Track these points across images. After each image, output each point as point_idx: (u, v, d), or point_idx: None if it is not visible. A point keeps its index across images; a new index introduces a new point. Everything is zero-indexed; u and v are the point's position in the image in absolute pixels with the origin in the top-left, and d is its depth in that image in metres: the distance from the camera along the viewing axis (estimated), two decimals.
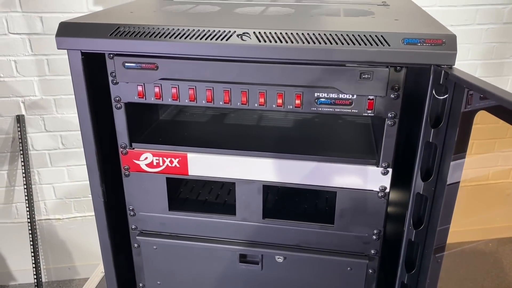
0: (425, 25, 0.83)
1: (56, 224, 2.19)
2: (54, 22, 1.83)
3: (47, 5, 1.80)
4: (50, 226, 2.19)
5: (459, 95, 0.73)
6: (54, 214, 2.18)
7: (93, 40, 0.82)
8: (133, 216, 1.02)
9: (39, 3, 1.80)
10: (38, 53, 1.88)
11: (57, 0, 1.80)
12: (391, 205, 0.96)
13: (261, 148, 0.93)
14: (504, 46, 2.14)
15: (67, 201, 2.16)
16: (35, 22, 1.83)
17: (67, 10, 1.82)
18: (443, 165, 0.79)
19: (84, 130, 0.92)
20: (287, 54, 0.78)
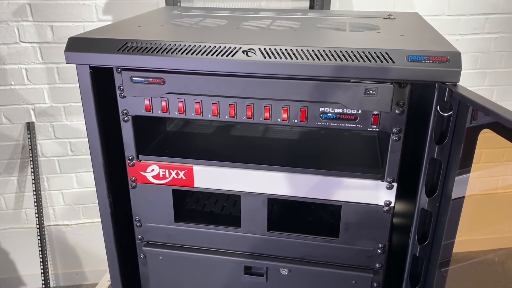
0: (430, 41, 0.84)
1: (65, 230, 2.21)
2: (64, 31, 1.86)
3: (57, 15, 1.83)
4: (58, 231, 2.21)
5: (463, 112, 0.73)
6: (62, 220, 2.20)
7: (101, 55, 0.83)
8: (140, 227, 1.03)
9: (49, 13, 1.82)
10: (48, 62, 1.91)
11: (67, 10, 1.83)
12: (397, 217, 0.96)
13: (266, 161, 0.94)
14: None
15: (76, 207, 2.18)
16: (46, 31, 1.85)
17: (77, 19, 1.85)
18: (448, 181, 0.79)
19: (92, 142, 0.93)
20: (292, 70, 0.78)
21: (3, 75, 1.90)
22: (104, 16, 1.86)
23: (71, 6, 1.83)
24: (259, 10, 1.22)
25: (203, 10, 1.21)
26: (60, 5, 1.82)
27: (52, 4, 1.82)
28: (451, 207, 0.80)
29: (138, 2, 1.85)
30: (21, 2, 1.80)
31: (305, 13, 1.17)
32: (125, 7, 1.85)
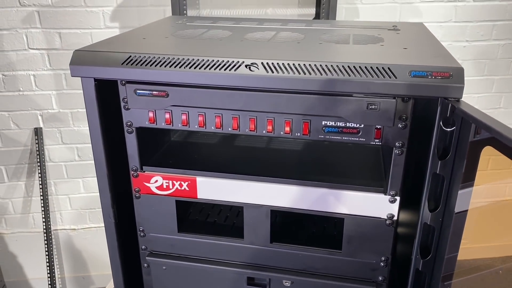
0: (434, 55, 0.83)
1: (72, 234, 2.23)
2: (72, 38, 1.88)
3: (65, 22, 1.85)
4: (65, 236, 2.23)
5: (466, 128, 0.72)
6: (69, 224, 2.22)
7: (105, 68, 0.84)
8: (143, 237, 1.04)
9: (57, 20, 1.84)
10: (56, 68, 1.93)
11: (75, 17, 1.84)
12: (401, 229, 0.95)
13: (270, 173, 0.94)
14: None
15: (82, 212, 2.20)
16: (54, 38, 1.87)
17: (85, 26, 1.87)
18: (451, 196, 0.79)
19: (96, 153, 0.94)
20: (294, 84, 0.78)
21: (12, 81, 1.93)
22: (112, 23, 1.87)
23: (79, 14, 1.85)
24: (263, 20, 1.22)
25: (208, 20, 1.22)
26: (68, 13, 1.84)
27: (60, 12, 1.84)
28: (454, 221, 0.80)
29: (145, 9, 1.87)
30: (30, 10, 1.83)
31: (309, 23, 1.17)
32: (132, 14, 1.87)
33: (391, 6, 1.97)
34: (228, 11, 1.92)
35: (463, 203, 0.78)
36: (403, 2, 1.97)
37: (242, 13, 1.93)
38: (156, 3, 1.86)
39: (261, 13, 1.93)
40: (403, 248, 1.00)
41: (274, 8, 1.94)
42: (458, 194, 0.77)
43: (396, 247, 0.94)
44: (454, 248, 0.83)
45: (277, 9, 1.94)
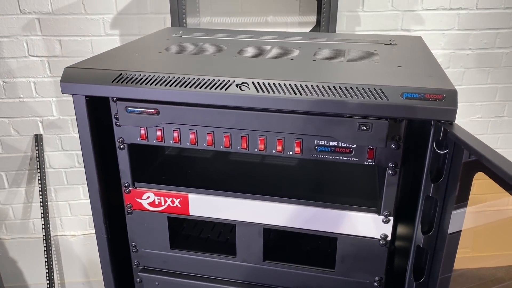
0: (428, 74, 0.82)
1: (72, 240, 2.23)
2: (72, 45, 1.88)
3: (65, 29, 1.85)
4: (65, 242, 2.23)
5: (459, 151, 0.71)
6: (69, 230, 2.22)
7: (96, 86, 0.84)
8: (136, 252, 1.03)
9: (58, 27, 1.84)
10: (56, 75, 1.93)
11: (75, 24, 1.84)
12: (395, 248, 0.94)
13: (263, 191, 0.93)
14: None
15: (82, 218, 2.20)
16: (54, 45, 1.87)
17: (85, 33, 1.86)
18: (444, 219, 0.77)
19: (88, 169, 0.94)
20: (285, 104, 0.77)
21: (12, 88, 1.93)
22: (112, 30, 1.87)
23: (79, 21, 1.84)
24: (260, 33, 1.21)
25: (205, 32, 1.21)
26: (68, 20, 1.84)
27: (60, 19, 1.84)
28: (448, 242, 0.78)
29: (145, 17, 1.86)
30: (30, 17, 1.83)
31: (306, 37, 1.15)
32: (132, 21, 1.86)
33: (393, 14, 1.95)
34: (229, 18, 1.91)
35: (456, 225, 0.77)
36: (405, 10, 1.95)
37: (242, 21, 1.92)
38: (156, 11, 1.86)
39: (261, 21, 1.92)
40: (397, 269, 0.98)
41: (275, 15, 1.93)
42: (451, 216, 0.76)
43: (390, 267, 0.93)
44: (448, 269, 0.82)
45: (277, 16, 1.93)
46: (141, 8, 1.85)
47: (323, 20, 1.79)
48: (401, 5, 1.94)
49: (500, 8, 1.97)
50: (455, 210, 0.75)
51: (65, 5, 1.82)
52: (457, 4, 1.95)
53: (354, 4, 1.93)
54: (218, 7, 1.89)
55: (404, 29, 1.98)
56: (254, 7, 1.90)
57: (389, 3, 1.94)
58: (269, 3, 1.90)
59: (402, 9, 1.95)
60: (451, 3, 1.95)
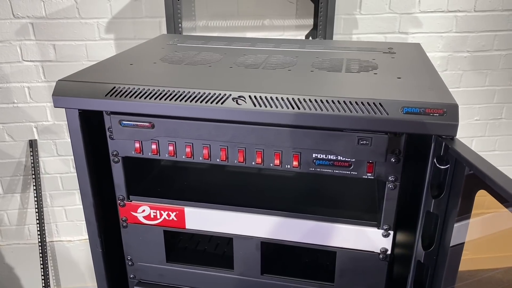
0: (429, 87, 0.80)
1: (68, 246, 2.21)
2: (66, 49, 1.85)
3: (59, 34, 1.83)
4: (61, 247, 2.21)
5: (460, 166, 0.69)
6: (65, 236, 2.20)
7: (89, 100, 0.82)
8: (131, 265, 1.01)
9: (52, 32, 1.82)
10: (50, 80, 1.90)
11: (69, 29, 1.82)
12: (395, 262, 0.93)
13: (260, 204, 0.91)
14: None
15: (78, 224, 2.18)
16: (48, 50, 1.85)
17: (79, 38, 1.84)
18: (445, 235, 0.76)
19: (82, 183, 0.92)
20: (282, 119, 0.76)
21: (6, 93, 1.90)
22: (106, 35, 1.85)
23: (73, 25, 1.82)
24: (257, 40, 1.19)
25: (201, 40, 1.19)
26: (62, 24, 1.82)
27: (54, 23, 1.81)
28: (450, 254, 0.76)
29: (140, 21, 1.84)
30: (24, 22, 1.80)
31: (303, 44, 1.13)
32: (127, 26, 1.84)
33: (390, 17, 1.94)
34: (225, 22, 1.89)
35: (458, 240, 0.75)
36: (402, 13, 1.94)
37: (239, 24, 1.90)
38: (151, 15, 1.84)
39: (258, 24, 1.90)
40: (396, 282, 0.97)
41: (272, 19, 1.91)
42: (453, 231, 0.74)
43: (390, 281, 0.91)
44: (451, 282, 0.80)
45: (274, 20, 1.91)
46: (136, 12, 1.83)
47: (320, 23, 1.77)
48: (398, 7, 1.92)
49: (498, 10, 1.96)
50: (457, 223, 0.73)
51: (59, 9, 1.80)
52: (454, 7, 1.94)
53: (351, 7, 1.91)
54: (214, 10, 1.87)
55: (401, 32, 1.97)
56: (251, 11, 1.88)
57: (387, 5, 1.92)
58: (265, 7, 1.88)
59: (399, 11, 1.93)
60: (448, 6, 1.94)
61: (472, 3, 1.94)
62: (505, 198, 0.56)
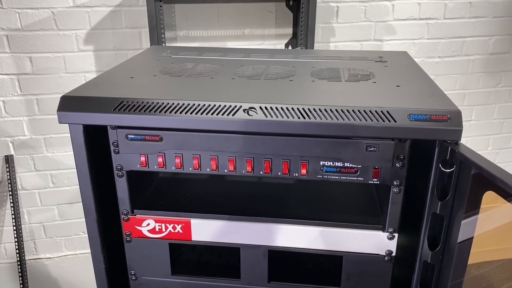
0: (428, 94, 0.84)
1: (47, 263, 2.15)
2: (43, 62, 1.81)
3: (36, 46, 1.78)
4: (40, 265, 2.14)
5: (465, 169, 0.73)
6: (44, 253, 2.13)
7: (95, 114, 0.81)
8: (135, 280, 1.00)
9: (28, 44, 1.78)
10: (27, 93, 1.85)
11: (46, 41, 1.78)
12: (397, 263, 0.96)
13: (267, 213, 0.93)
14: (490, 76, 2.18)
15: (58, 240, 2.12)
16: (24, 62, 1.80)
17: (57, 50, 1.80)
18: (451, 235, 0.79)
19: (85, 199, 0.91)
20: (293, 129, 0.77)
21: None
22: (85, 46, 1.82)
23: (50, 37, 1.78)
24: (250, 51, 1.21)
25: (194, 51, 1.19)
26: (39, 36, 1.78)
27: (30, 35, 1.77)
28: (457, 250, 0.78)
29: (120, 32, 1.82)
30: None
31: (296, 54, 1.16)
32: (107, 37, 1.82)
33: (366, 25, 2.00)
34: (206, 31, 1.90)
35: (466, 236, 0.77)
36: (377, 21, 2.01)
37: (219, 34, 1.91)
38: (131, 25, 1.82)
39: (239, 33, 1.92)
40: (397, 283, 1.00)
41: (252, 28, 1.93)
42: (461, 228, 0.76)
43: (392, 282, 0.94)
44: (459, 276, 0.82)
45: (254, 29, 1.94)
46: (115, 23, 1.81)
47: (301, 32, 1.80)
48: (373, 16, 1.99)
49: (466, 18, 2.06)
50: (464, 220, 0.76)
51: (36, 21, 1.75)
52: (426, 14, 2.03)
53: (328, 16, 1.96)
54: (194, 20, 1.87)
55: (376, 39, 2.03)
56: (231, 20, 1.90)
57: (362, 14, 1.98)
58: (245, 16, 1.90)
59: (374, 20, 2.00)
60: (420, 13, 2.02)
61: (441, 11, 2.03)
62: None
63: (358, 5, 1.96)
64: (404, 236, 0.94)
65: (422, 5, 2.01)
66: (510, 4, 2.06)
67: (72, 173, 2.00)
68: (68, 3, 1.75)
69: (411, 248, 0.90)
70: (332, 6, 1.95)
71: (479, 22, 2.07)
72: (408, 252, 0.93)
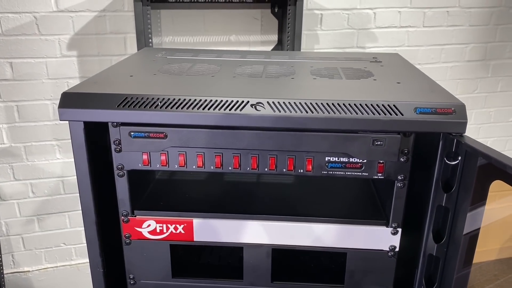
0: (429, 89, 0.86)
1: (25, 277, 2.06)
2: (25, 67, 1.76)
3: (17, 51, 1.74)
4: (18, 279, 2.05)
5: (471, 160, 0.75)
6: (22, 266, 2.05)
7: (99, 111, 0.79)
8: (134, 284, 0.97)
9: (8, 49, 1.73)
10: (7, 100, 1.79)
11: (28, 46, 1.74)
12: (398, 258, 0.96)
13: (270, 211, 0.92)
14: (468, 82, 2.25)
15: (38, 252, 2.05)
16: (4, 68, 1.75)
17: (39, 55, 1.76)
18: (456, 227, 0.80)
19: (84, 201, 0.88)
20: (301, 123, 0.77)
21: None
22: (69, 51, 1.78)
23: (32, 42, 1.74)
24: (246, 52, 1.21)
25: (189, 53, 1.18)
26: (20, 41, 1.73)
27: (11, 40, 1.72)
28: (463, 241, 0.79)
29: (104, 37, 1.80)
30: None
31: (292, 56, 1.17)
32: (91, 42, 1.79)
33: (348, 32, 2.04)
34: (191, 38, 1.89)
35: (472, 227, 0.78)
36: (360, 28, 2.05)
37: (205, 40, 1.91)
38: (116, 31, 1.80)
39: (224, 40, 1.93)
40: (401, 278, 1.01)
41: (237, 35, 1.94)
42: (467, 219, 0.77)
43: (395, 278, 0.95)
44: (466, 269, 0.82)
45: (240, 35, 1.94)
46: (100, 28, 1.79)
47: (288, 39, 1.82)
48: (356, 23, 2.03)
49: (444, 26, 2.13)
50: (470, 212, 0.77)
51: (17, 26, 1.71)
52: (406, 22, 2.08)
53: (312, 23, 1.99)
54: (180, 26, 1.87)
55: (359, 46, 2.07)
56: (217, 26, 1.90)
57: (345, 22, 2.02)
58: (231, 23, 1.91)
59: (357, 27, 2.04)
60: (401, 21, 2.08)
61: (421, 19, 2.10)
62: None
63: (342, 13, 2.00)
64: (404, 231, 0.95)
65: (403, 14, 2.06)
66: (485, 13, 2.14)
67: (53, 182, 1.94)
68: (51, 8, 1.72)
69: (412, 242, 0.91)
70: (316, 13, 1.98)
71: (456, 30, 2.14)
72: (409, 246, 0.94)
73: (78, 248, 2.06)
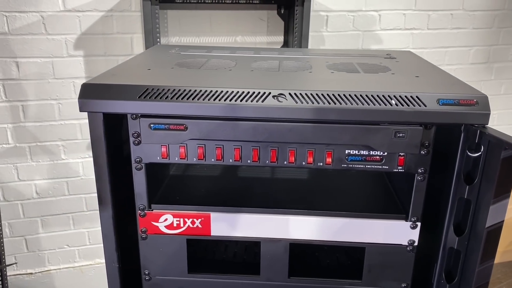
0: (449, 82, 0.86)
1: (28, 279, 2.04)
2: (31, 67, 1.75)
3: (23, 50, 1.73)
4: (20, 282, 2.03)
5: (495, 152, 0.74)
6: (25, 268, 2.03)
7: (119, 102, 0.78)
8: (149, 280, 0.96)
9: (15, 48, 1.72)
10: (13, 99, 1.78)
11: (34, 45, 1.73)
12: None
13: (287, 205, 0.91)
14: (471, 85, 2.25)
15: (41, 254, 2.02)
16: (11, 67, 1.74)
17: (45, 55, 1.75)
18: (478, 220, 0.80)
19: (102, 194, 0.87)
20: (323, 115, 0.77)
21: None
22: (75, 51, 1.78)
23: (39, 41, 1.73)
24: (259, 49, 1.21)
25: (202, 49, 1.18)
26: (26, 40, 1.72)
27: (17, 39, 1.71)
28: (486, 235, 0.78)
29: (111, 37, 1.79)
30: None
31: (305, 52, 1.17)
32: (98, 42, 1.78)
33: (354, 34, 2.05)
34: (198, 38, 1.89)
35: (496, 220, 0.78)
36: (365, 30, 2.05)
37: (212, 41, 1.91)
38: (123, 31, 1.80)
39: (231, 41, 1.93)
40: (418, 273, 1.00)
41: (244, 36, 1.94)
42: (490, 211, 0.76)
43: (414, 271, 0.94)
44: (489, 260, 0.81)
45: (246, 37, 1.95)
46: (106, 28, 1.78)
47: (295, 40, 1.83)
48: (361, 25, 2.04)
49: (448, 29, 2.14)
50: (493, 205, 0.76)
51: (24, 25, 1.70)
52: (410, 25, 2.09)
53: (318, 25, 2.00)
54: (187, 27, 1.87)
55: (364, 48, 2.08)
56: (223, 28, 1.90)
57: (351, 23, 2.03)
58: (237, 24, 1.91)
59: (362, 29, 2.05)
60: (405, 24, 2.09)
61: (425, 21, 2.11)
62: None
63: (347, 15, 2.01)
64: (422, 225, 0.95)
65: (407, 16, 2.07)
66: (489, 16, 2.15)
67: (58, 183, 1.92)
68: (59, 7, 1.71)
69: (430, 237, 0.91)
70: (322, 15, 1.98)
71: (460, 33, 2.16)
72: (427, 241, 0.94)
73: (82, 250, 2.04)
